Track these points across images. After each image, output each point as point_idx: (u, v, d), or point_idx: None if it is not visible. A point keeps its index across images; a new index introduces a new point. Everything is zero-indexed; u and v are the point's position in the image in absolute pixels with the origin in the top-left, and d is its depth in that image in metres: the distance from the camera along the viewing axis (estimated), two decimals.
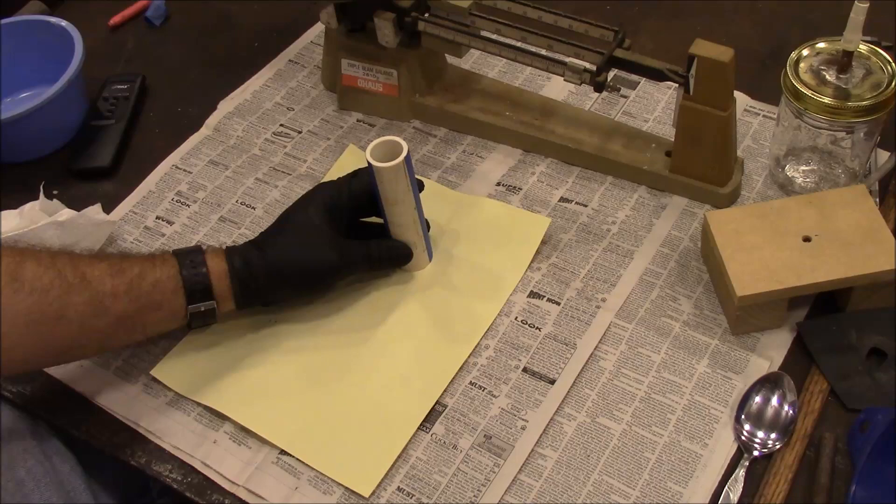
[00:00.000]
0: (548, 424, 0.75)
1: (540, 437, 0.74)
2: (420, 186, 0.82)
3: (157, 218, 0.94)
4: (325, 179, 0.95)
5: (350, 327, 0.82)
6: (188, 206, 0.95)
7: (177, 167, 0.98)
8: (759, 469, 0.72)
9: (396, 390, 0.78)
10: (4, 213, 0.90)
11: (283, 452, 0.75)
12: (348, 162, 0.96)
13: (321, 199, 0.80)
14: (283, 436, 0.76)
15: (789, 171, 0.89)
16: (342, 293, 0.84)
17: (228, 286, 0.76)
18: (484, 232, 0.88)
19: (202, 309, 0.75)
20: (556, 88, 1.01)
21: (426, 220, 0.83)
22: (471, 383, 0.78)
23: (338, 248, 0.79)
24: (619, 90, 0.87)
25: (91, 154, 1.00)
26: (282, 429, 0.76)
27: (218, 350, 0.81)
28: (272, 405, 0.78)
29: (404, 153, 0.77)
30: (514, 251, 0.86)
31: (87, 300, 0.70)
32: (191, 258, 0.75)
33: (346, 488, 0.73)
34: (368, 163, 0.77)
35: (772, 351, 0.78)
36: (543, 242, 0.87)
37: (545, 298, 0.83)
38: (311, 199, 0.80)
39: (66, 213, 0.88)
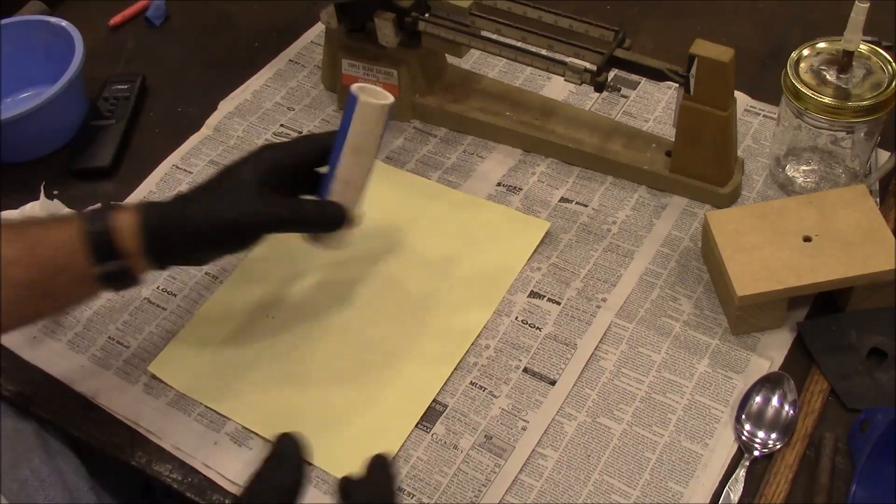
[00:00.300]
0: (548, 424, 0.75)
1: (540, 437, 0.74)
2: None
3: None
4: None
5: (346, 325, 0.82)
6: None
7: (177, 167, 0.98)
8: (760, 469, 0.72)
9: (395, 387, 0.78)
10: (4, 213, 0.90)
11: None
12: None
13: (261, 156, 0.74)
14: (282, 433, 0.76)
15: (789, 170, 0.89)
16: (338, 290, 0.84)
17: (140, 243, 0.70)
18: (482, 233, 0.88)
19: (113, 270, 0.70)
20: (557, 88, 1.01)
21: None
22: (471, 383, 0.78)
23: (261, 203, 0.72)
24: (619, 90, 0.87)
25: (91, 154, 1.00)
26: (280, 426, 0.76)
27: (215, 346, 0.81)
28: (271, 403, 0.78)
29: (391, 99, 0.73)
30: (511, 252, 0.86)
31: None
32: (95, 213, 0.70)
33: None
34: (353, 97, 0.72)
35: (772, 351, 0.78)
36: (544, 243, 0.87)
37: (545, 298, 0.83)
38: (251, 155, 0.75)
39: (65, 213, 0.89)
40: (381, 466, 0.63)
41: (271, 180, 0.73)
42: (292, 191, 0.76)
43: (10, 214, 0.89)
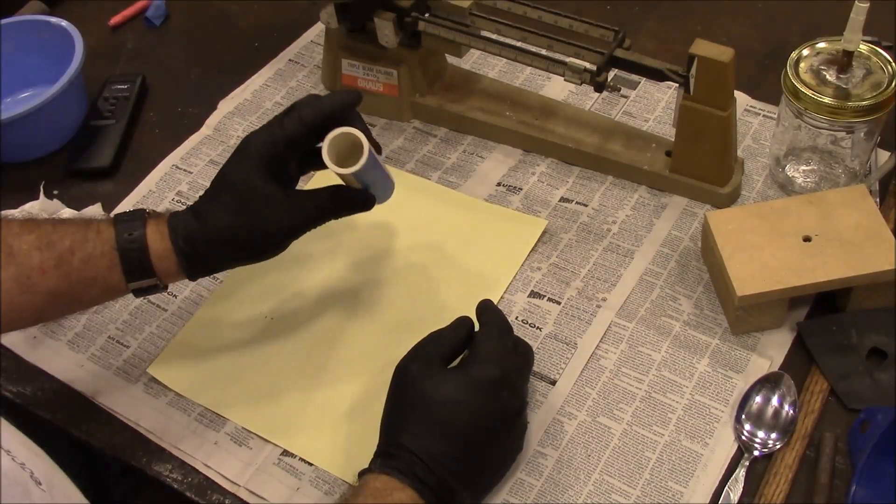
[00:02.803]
0: (549, 424, 0.75)
1: (541, 436, 0.74)
2: (379, 149, 0.76)
3: None
4: (317, 177, 0.93)
5: (345, 326, 0.82)
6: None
7: (177, 167, 0.98)
8: (760, 469, 0.72)
9: None
10: (4, 212, 0.90)
11: (284, 453, 0.75)
12: None
13: (255, 152, 0.71)
14: (284, 434, 0.76)
15: (789, 170, 0.89)
16: (337, 291, 0.85)
17: (175, 263, 0.71)
18: (479, 232, 0.88)
19: (145, 286, 0.71)
20: (557, 88, 1.01)
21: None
22: None
23: (285, 208, 0.71)
24: (619, 90, 0.87)
25: (91, 154, 1.00)
26: (282, 428, 0.76)
27: (214, 348, 0.81)
28: (271, 404, 0.78)
29: (365, 156, 0.70)
30: (509, 251, 0.86)
31: (13, 276, 0.66)
32: (129, 230, 0.69)
33: (349, 489, 0.73)
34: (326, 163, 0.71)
35: (772, 350, 0.78)
36: (543, 242, 0.87)
37: (546, 298, 0.83)
38: (244, 153, 0.72)
39: (66, 213, 0.89)
40: (488, 309, 0.73)
41: (274, 170, 0.71)
42: (296, 171, 0.75)
43: (9, 214, 0.89)
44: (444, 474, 0.64)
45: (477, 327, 0.73)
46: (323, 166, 0.73)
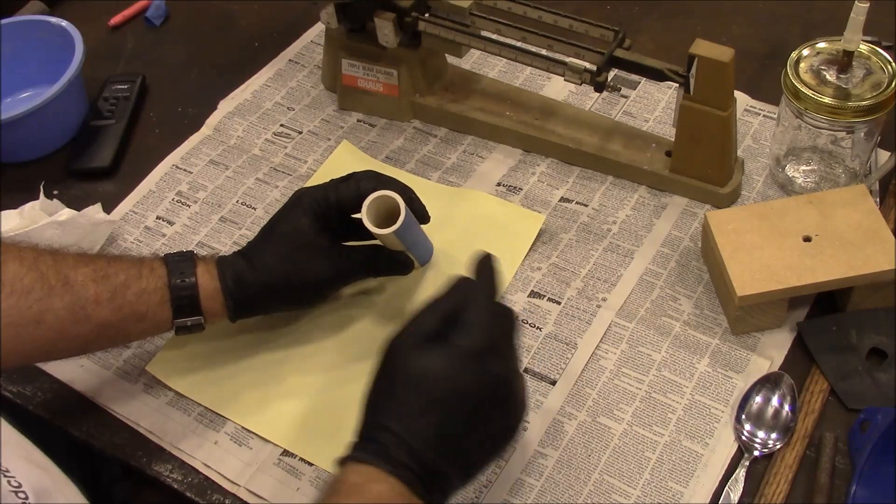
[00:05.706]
0: (549, 424, 0.75)
1: (541, 436, 0.74)
2: (425, 219, 0.80)
3: (158, 218, 0.94)
4: (317, 175, 0.95)
5: (345, 324, 0.82)
6: (188, 206, 0.95)
7: (177, 167, 0.98)
8: (760, 469, 0.72)
9: None
10: (4, 213, 0.90)
11: (284, 453, 0.75)
12: (341, 158, 0.96)
13: (308, 205, 0.75)
14: (284, 434, 0.76)
15: (789, 171, 0.89)
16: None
17: (221, 304, 0.74)
18: (479, 228, 0.88)
19: (188, 324, 0.73)
20: (557, 88, 1.01)
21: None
22: None
23: (332, 259, 0.76)
24: (619, 90, 0.87)
25: (91, 154, 1.00)
26: (282, 427, 0.76)
27: (212, 346, 0.81)
28: (271, 403, 0.78)
29: (402, 217, 0.73)
30: (509, 248, 0.86)
31: (68, 305, 0.68)
32: (181, 269, 0.73)
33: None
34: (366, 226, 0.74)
35: (772, 351, 0.78)
36: (543, 242, 0.87)
37: (546, 298, 0.83)
38: (297, 205, 0.76)
39: (66, 213, 0.88)
40: (486, 265, 0.70)
41: (324, 224, 0.75)
42: (344, 224, 0.78)
43: (9, 214, 0.89)
44: (428, 454, 0.59)
45: None
46: (363, 240, 0.78)
